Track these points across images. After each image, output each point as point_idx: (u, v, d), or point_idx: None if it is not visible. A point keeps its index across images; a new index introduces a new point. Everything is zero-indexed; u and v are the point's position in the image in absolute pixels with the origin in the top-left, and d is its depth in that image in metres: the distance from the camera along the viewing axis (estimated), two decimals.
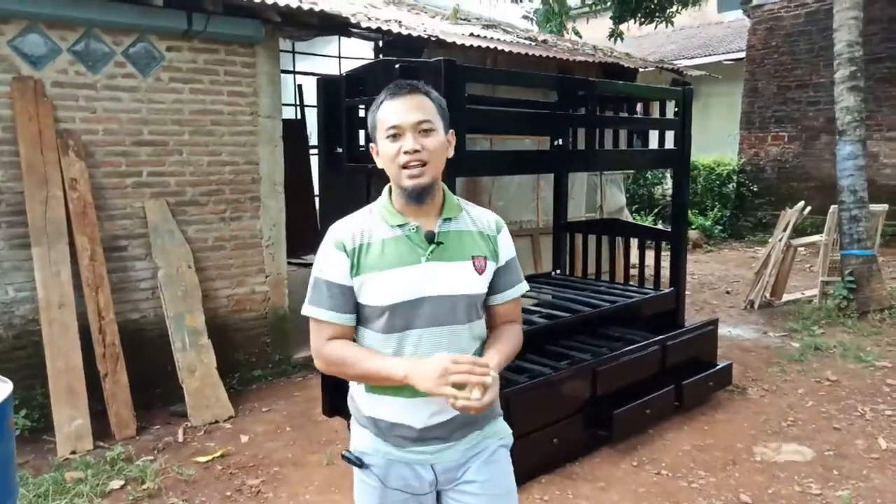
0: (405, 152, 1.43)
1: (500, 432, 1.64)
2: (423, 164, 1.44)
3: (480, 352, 1.57)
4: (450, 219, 1.53)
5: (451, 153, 1.54)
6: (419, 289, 1.46)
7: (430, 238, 1.49)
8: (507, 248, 1.61)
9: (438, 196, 1.53)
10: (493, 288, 1.58)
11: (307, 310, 1.53)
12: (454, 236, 1.52)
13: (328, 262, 1.50)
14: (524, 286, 1.66)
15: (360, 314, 1.53)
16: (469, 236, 1.54)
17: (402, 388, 1.46)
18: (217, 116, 4.37)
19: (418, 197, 1.46)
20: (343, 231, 1.51)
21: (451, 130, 1.54)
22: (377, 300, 1.47)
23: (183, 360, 4.00)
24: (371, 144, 1.55)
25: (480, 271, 1.52)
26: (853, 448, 3.58)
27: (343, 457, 1.60)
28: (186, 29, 4.07)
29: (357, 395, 1.60)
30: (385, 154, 1.47)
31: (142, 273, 4.16)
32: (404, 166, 1.44)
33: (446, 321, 1.49)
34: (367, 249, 1.48)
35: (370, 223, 1.52)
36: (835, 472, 3.32)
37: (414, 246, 1.48)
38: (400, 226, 1.49)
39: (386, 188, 1.55)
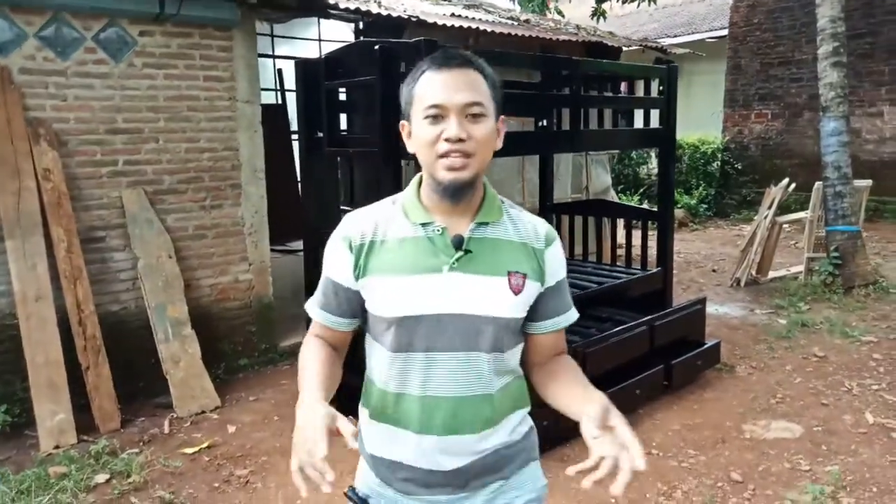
0: (447, 139, 1.16)
1: (531, 482, 1.34)
2: (467, 156, 1.17)
3: (516, 392, 1.32)
4: (486, 223, 1.26)
5: (499, 144, 1.25)
6: (436, 303, 1.21)
7: (458, 244, 1.23)
8: (556, 267, 1.31)
9: (477, 195, 1.26)
10: (536, 313, 1.31)
11: (308, 303, 1.38)
12: (488, 245, 1.25)
13: (330, 258, 1.31)
14: (574, 314, 1.37)
15: (370, 324, 1.32)
16: (508, 247, 1.26)
17: (409, 418, 1.24)
18: (193, 102, 4.26)
19: (454, 194, 1.20)
20: (352, 225, 1.29)
21: (502, 117, 1.26)
22: (383, 310, 1.24)
23: (166, 351, 3.94)
24: (402, 122, 1.28)
25: (517, 291, 1.24)
26: (841, 423, 3.59)
27: (346, 495, 1.37)
28: (159, 12, 3.95)
29: (362, 423, 1.36)
30: (420, 138, 1.20)
31: (121, 264, 4.07)
32: (443, 155, 1.18)
33: (464, 346, 1.22)
34: (379, 248, 1.25)
35: (388, 217, 1.28)
36: (823, 448, 3.33)
37: (437, 251, 1.22)
38: (423, 225, 1.24)
39: (416, 178, 1.30)
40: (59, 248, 3.71)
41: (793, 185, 6.81)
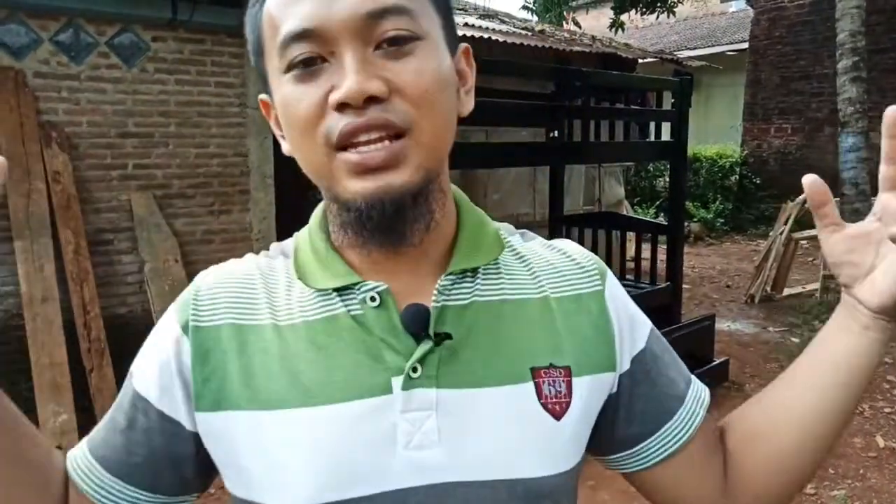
0: (341, 105, 0.53)
1: None
2: (397, 133, 0.54)
3: None
4: (469, 273, 0.62)
5: (468, 104, 0.63)
6: (389, 465, 0.57)
7: (419, 321, 0.59)
8: (633, 316, 0.69)
9: (444, 219, 0.62)
10: (641, 418, 0.66)
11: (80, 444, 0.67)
12: (481, 315, 0.61)
13: (146, 351, 0.66)
14: (702, 387, 0.71)
15: None
16: (520, 312, 0.63)
17: None
18: (204, 108, 4.30)
19: (383, 228, 0.57)
20: (201, 291, 0.64)
21: (466, 46, 0.64)
22: (271, 490, 0.58)
23: None
24: (260, 97, 0.65)
25: (558, 409, 0.60)
26: (850, 446, 3.50)
27: None
28: (172, 18, 3.99)
29: None
30: (287, 114, 0.57)
31: (128, 267, 4.10)
32: (342, 145, 0.54)
33: None
34: (250, 345, 0.60)
35: (269, 281, 0.64)
36: (831, 472, 3.25)
37: (375, 344, 0.59)
38: (340, 291, 0.61)
39: (319, 208, 0.67)
40: (66, 250, 3.75)
41: None
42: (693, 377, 0.72)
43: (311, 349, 0.59)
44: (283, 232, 4.89)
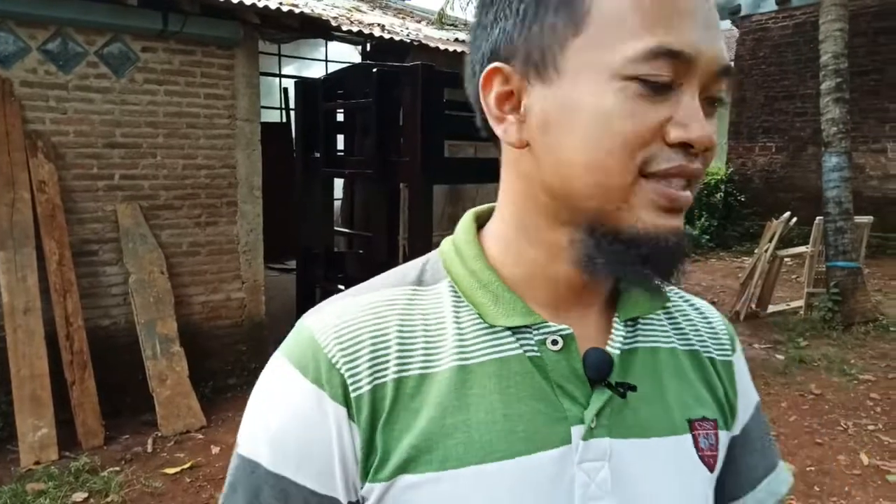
0: (684, 143, 0.50)
1: None
2: (692, 183, 0.54)
3: None
4: (636, 321, 0.62)
5: None
6: None
7: (602, 369, 0.56)
8: (749, 388, 0.69)
9: None
10: (732, 480, 0.67)
11: None
12: (642, 362, 0.60)
13: (272, 426, 0.54)
14: (779, 483, 0.70)
15: None
16: (673, 361, 0.63)
17: None
18: (193, 119, 4.28)
19: (671, 265, 0.56)
20: (340, 340, 0.54)
21: None
22: None
23: (154, 369, 3.90)
24: (496, 65, 0.54)
25: (711, 462, 0.61)
26: (835, 464, 3.52)
27: None
28: (162, 29, 3.99)
29: None
30: (609, 124, 0.49)
31: (113, 278, 4.06)
32: (659, 174, 0.51)
33: None
34: (416, 398, 0.53)
35: (423, 317, 0.57)
36: (816, 489, 3.26)
37: (551, 389, 0.55)
38: (516, 330, 0.56)
39: (469, 217, 0.63)
40: (50, 261, 3.70)
41: (794, 219, 6.77)
42: (779, 463, 0.72)
43: (485, 395, 0.54)
44: (275, 243, 4.88)
